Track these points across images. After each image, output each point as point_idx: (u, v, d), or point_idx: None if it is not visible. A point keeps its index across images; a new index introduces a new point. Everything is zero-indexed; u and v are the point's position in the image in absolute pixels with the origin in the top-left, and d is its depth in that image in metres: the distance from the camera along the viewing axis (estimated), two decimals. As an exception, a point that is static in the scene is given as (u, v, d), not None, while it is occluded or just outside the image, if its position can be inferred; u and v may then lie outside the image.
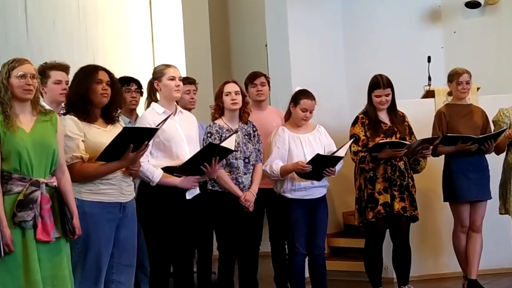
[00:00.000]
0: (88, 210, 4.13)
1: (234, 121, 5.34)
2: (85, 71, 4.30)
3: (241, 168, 5.28)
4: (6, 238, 3.71)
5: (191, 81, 5.84)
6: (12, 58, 3.91)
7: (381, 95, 5.62)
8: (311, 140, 5.50)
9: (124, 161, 4.18)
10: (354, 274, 6.50)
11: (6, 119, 3.80)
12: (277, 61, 7.25)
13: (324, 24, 7.44)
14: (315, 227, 5.49)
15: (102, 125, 4.29)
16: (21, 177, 3.81)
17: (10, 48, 6.95)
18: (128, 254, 4.32)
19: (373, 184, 5.60)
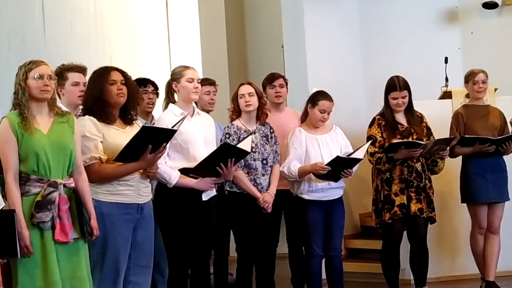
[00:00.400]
0: (105, 211, 4.15)
1: (252, 122, 5.35)
2: (98, 73, 4.32)
3: (259, 170, 5.28)
4: (25, 239, 3.73)
5: (211, 82, 5.83)
6: (29, 60, 3.94)
7: (397, 97, 5.61)
8: (328, 141, 5.49)
9: (142, 162, 4.19)
10: (371, 275, 6.48)
11: (23, 120, 3.82)
12: (294, 63, 7.25)
13: (341, 25, 7.43)
14: (332, 229, 5.48)
15: (120, 126, 4.30)
16: (39, 178, 3.84)
17: (28, 50, 6.99)
18: (146, 255, 4.33)
19: (390, 185, 5.58)
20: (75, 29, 7.77)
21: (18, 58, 5.16)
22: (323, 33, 7.21)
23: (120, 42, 8.23)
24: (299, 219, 5.52)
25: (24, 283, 3.78)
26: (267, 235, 5.37)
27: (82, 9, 7.92)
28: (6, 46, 6.91)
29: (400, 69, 6.04)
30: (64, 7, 7.71)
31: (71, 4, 7.82)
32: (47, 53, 7.11)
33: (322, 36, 7.20)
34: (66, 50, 7.40)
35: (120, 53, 8.10)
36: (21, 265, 3.78)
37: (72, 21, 7.78)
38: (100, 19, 8.05)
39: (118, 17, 8.30)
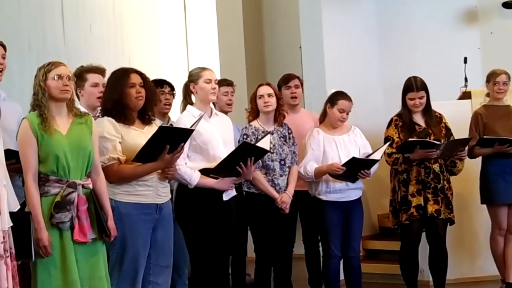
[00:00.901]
0: (124, 211, 4.17)
1: (269, 123, 5.35)
2: (117, 75, 4.33)
3: (277, 170, 5.28)
4: (44, 240, 3.76)
5: (229, 83, 5.84)
6: (48, 61, 3.97)
7: (414, 98, 5.58)
8: (346, 141, 5.48)
9: (160, 162, 4.21)
10: (390, 276, 6.46)
11: (43, 121, 3.85)
12: (311, 63, 7.23)
13: (359, 25, 7.41)
14: (350, 230, 5.47)
15: (139, 126, 4.32)
16: (58, 179, 3.87)
17: (48, 52, 7.04)
18: (165, 255, 4.35)
19: (407, 186, 5.56)
20: (94, 30, 7.82)
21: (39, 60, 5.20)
22: (341, 34, 7.19)
23: (138, 43, 8.27)
24: (317, 220, 5.52)
25: (44, 283, 3.81)
26: (284, 236, 5.37)
27: (101, 10, 7.97)
28: (27, 48, 6.96)
29: (419, 69, 6.02)
30: (84, 8, 7.76)
31: (90, 6, 7.86)
32: (67, 54, 7.16)
33: (340, 37, 7.18)
34: (86, 52, 7.45)
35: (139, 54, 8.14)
36: (41, 265, 3.81)
37: (91, 23, 7.83)
38: (119, 21, 8.10)
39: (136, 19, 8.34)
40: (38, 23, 7.29)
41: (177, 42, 8.85)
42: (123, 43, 8.13)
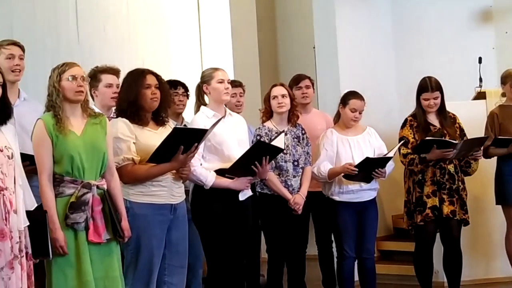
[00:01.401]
0: (139, 211, 4.18)
1: (283, 124, 5.35)
2: (133, 76, 4.34)
3: (290, 171, 5.28)
4: (60, 240, 3.78)
5: (237, 83, 5.83)
6: (62, 62, 3.98)
7: (429, 98, 5.56)
8: (360, 142, 5.46)
9: (175, 163, 4.22)
10: (404, 277, 6.44)
11: (58, 122, 3.86)
12: (326, 64, 7.21)
13: (373, 26, 7.39)
14: (365, 230, 5.46)
15: (153, 127, 4.33)
16: (73, 179, 3.88)
17: (62, 53, 7.06)
18: (180, 255, 4.35)
19: (422, 187, 5.54)
20: (108, 31, 7.84)
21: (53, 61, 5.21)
22: (356, 34, 7.17)
23: (152, 44, 8.28)
24: (330, 220, 5.51)
25: (58, 283, 3.82)
26: (297, 237, 5.36)
27: (114, 11, 7.98)
28: (41, 49, 6.98)
29: (433, 70, 6.00)
30: (97, 9, 7.78)
31: (104, 7, 7.88)
32: (81, 55, 7.18)
33: (355, 37, 7.16)
34: (99, 52, 7.46)
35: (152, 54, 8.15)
36: (55, 265, 3.82)
37: (105, 24, 7.84)
38: (132, 21, 8.11)
39: (150, 19, 8.35)
40: (52, 24, 7.32)
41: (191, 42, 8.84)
42: (137, 43, 8.14)
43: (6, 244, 3.51)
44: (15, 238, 3.55)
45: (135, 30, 8.12)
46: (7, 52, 4.55)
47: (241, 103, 5.79)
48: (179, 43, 8.69)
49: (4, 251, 3.50)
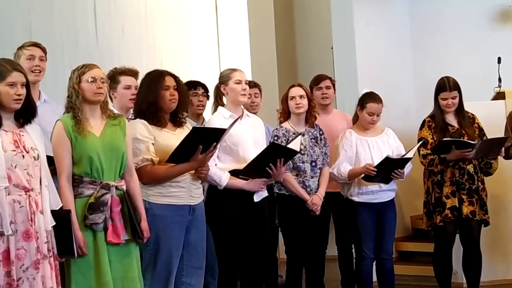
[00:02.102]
0: (158, 212, 4.19)
1: (301, 125, 5.34)
2: (152, 77, 4.36)
3: (308, 172, 5.27)
4: (79, 240, 3.80)
5: (251, 84, 5.79)
6: (82, 64, 4.00)
7: (447, 98, 5.53)
8: (379, 143, 5.45)
9: (193, 163, 4.23)
10: (423, 278, 6.40)
11: (77, 123, 3.88)
12: (343, 64, 7.21)
13: (391, 26, 7.36)
14: (383, 231, 5.44)
15: (171, 128, 4.35)
16: (92, 180, 3.90)
17: (81, 54, 7.10)
18: (198, 256, 4.36)
19: (441, 187, 5.51)
20: (127, 32, 7.87)
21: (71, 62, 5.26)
22: (373, 34, 7.15)
23: (170, 45, 8.31)
24: (349, 221, 5.50)
25: (78, 284, 3.84)
26: (316, 237, 5.35)
27: (133, 13, 8.02)
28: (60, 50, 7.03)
29: (452, 70, 5.96)
30: (116, 10, 7.82)
31: (123, 8, 7.92)
32: (99, 56, 7.22)
33: (372, 37, 7.14)
34: (118, 53, 7.50)
35: (170, 55, 8.17)
36: (75, 266, 3.84)
37: (124, 25, 7.88)
38: (150, 22, 8.14)
39: (168, 20, 8.38)
40: (70, 25, 7.36)
41: (209, 43, 8.86)
42: (155, 44, 8.17)
43: (32, 244, 3.54)
44: (42, 238, 3.58)
45: (153, 31, 8.15)
46: (27, 53, 4.59)
47: (256, 104, 5.78)
48: (198, 44, 8.71)
49: (29, 251, 3.53)
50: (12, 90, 3.55)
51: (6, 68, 3.56)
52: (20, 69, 3.61)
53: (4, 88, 3.54)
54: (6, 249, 3.48)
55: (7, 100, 3.55)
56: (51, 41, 6.76)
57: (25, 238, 3.52)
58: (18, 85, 3.56)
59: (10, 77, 3.54)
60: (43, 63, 4.66)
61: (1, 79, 3.54)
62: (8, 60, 3.77)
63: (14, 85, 3.55)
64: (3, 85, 3.54)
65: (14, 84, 3.55)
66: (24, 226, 3.52)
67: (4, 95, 3.54)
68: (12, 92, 3.54)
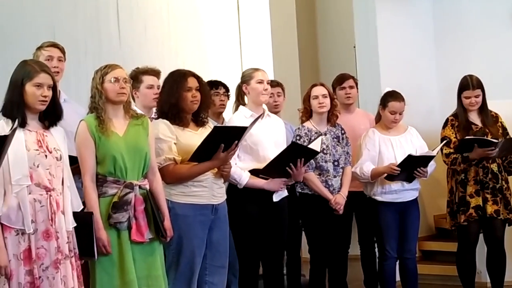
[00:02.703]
0: (181, 212, 4.21)
1: (323, 124, 5.32)
2: (174, 78, 4.37)
3: (331, 171, 5.26)
4: (103, 240, 3.82)
5: (274, 84, 5.78)
6: (105, 64, 4.03)
7: (470, 97, 5.50)
8: (402, 142, 5.43)
9: (215, 161, 4.24)
10: (446, 278, 6.37)
11: (101, 123, 3.91)
12: (366, 63, 7.17)
13: (414, 24, 7.32)
14: (407, 231, 5.42)
15: (193, 128, 4.36)
16: (116, 179, 3.92)
17: (104, 55, 7.15)
18: (221, 255, 4.37)
19: (465, 187, 5.48)
20: (149, 33, 7.91)
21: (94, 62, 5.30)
22: (396, 32, 7.11)
23: (192, 45, 8.34)
24: (372, 220, 5.48)
25: (103, 283, 3.87)
26: (339, 237, 5.34)
27: (155, 12, 8.06)
28: (83, 51, 7.08)
29: (475, 68, 5.92)
30: (138, 11, 7.86)
31: (145, 9, 7.96)
32: (122, 56, 7.26)
33: (395, 35, 7.10)
34: (140, 53, 7.54)
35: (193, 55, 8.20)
36: (99, 265, 3.87)
37: (146, 25, 7.92)
38: (172, 22, 8.17)
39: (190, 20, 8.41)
40: (93, 26, 7.42)
41: (231, 43, 8.88)
42: (177, 44, 8.20)
43: (52, 244, 3.56)
44: (64, 238, 3.60)
45: (175, 30, 8.19)
46: (46, 54, 4.61)
47: (278, 103, 5.76)
48: (219, 44, 8.73)
49: (49, 250, 3.56)
50: (39, 91, 3.58)
51: (34, 69, 3.59)
52: (48, 71, 3.64)
53: (30, 89, 3.57)
54: (28, 248, 3.52)
55: (32, 100, 3.58)
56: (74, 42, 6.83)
57: (45, 237, 3.55)
58: (45, 87, 3.59)
59: (37, 78, 3.58)
60: (62, 63, 4.68)
61: (29, 79, 3.57)
62: (36, 61, 3.81)
63: (40, 86, 3.58)
64: (30, 85, 3.57)
65: (41, 85, 3.58)
66: (44, 226, 3.55)
67: (30, 95, 3.57)
68: (38, 93, 3.58)
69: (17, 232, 3.51)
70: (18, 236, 3.51)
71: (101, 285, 3.87)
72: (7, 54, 6.13)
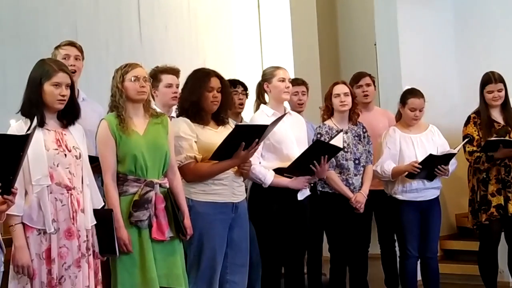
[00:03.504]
0: (201, 210, 4.21)
1: (344, 122, 5.31)
2: (198, 77, 4.38)
3: (352, 170, 5.24)
4: (124, 238, 3.84)
5: (299, 82, 5.80)
6: (125, 63, 4.04)
7: (493, 91, 5.48)
8: (423, 140, 5.40)
9: (236, 159, 4.23)
10: (468, 277, 6.34)
11: (121, 122, 3.93)
12: (387, 60, 7.14)
13: (435, 21, 7.27)
14: (428, 230, 5.39)
15: (213, 127, 4.37)
16: (136, 178, 3.94)
17: (125, 53, 7.18)
18: (242, 254, 4.37)
19: (486, 185, 5.45)
20: (170, 31, 7.93)
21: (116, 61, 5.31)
22: (417, 29, 7.07)
23: (213, 43, 8.35)
24: (393, 219, 5.46)
25: (124, 281, 3.88)
26: (359, 236, 5.33)
27: (176, 11, 8.07)
28: (104, 49, 7.12)
29: (497, 65, 5.87)
30: (159, 9, 7.89)
31: (166, 8, 7.98)
32: (143, 54, 7.28)
33: (416, 33, 7.06)
34: (161, 52, 7.56)
35: (213, 53, 8.22)
36: (120, 263, 3.88)
37: (167, 24, 7.94)
38: (193, 20, 8.19)
39: (211, 18, 8.42)
40: (115, 25, 7.45)
41: (251, 41, 8.88)
42: (198, 42, 8.22)
43: (74, 242, 3.58)
44: (83, 237, 3.62)
45: (196, 29, 8.20)
46: (63, 53, 4.63)
47: (302, 102, 5.76)
48: (240, 42, 8.74)
49: (71, 249, 3.57)
50: (57, 91, 3.59)
51: (52, 68, 3.60)
52: (66, 70, 3.66)
53: (49, 88, 3.59)
54: (49, 247, 3.54)
55: (51, 100, 3.60)
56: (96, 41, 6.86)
57: (67, 236, 3.57)
58: (63, 86, 3.60)
59: (55, 77, 3.59)
60: (79, 62, 4.69)
61: (47, 78, 3.58)
62: (55, 60, 3.83)
63: (59, 85, 3.59)
64: (48, 84, 3.58)
65: (59, 84, 3.59)
66: (66, 225, 3.57)
67: (49, 94, 3.59)
68: (57, 92, 3.59)
69: (39, 231, 3.53)
70: (40, 235, 3.53)
71: (123, 283, 3.88)
72: (30, 52, 6.17)
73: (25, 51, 6.40)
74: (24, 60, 6.08)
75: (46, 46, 5.06)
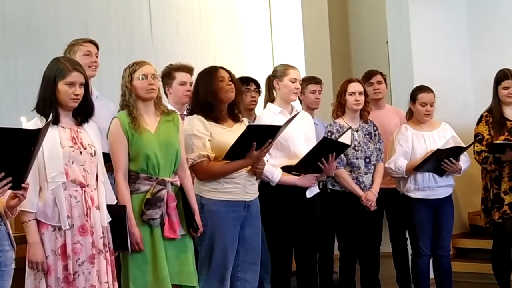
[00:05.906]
0: (213, 208, 4.21)
1: (355, 120, 5.29)
2: (206, 72, 4.38)
3: (362, 168, 5.23)
4: (136, 236, 3.84)
5: (317, 81, 5.78)
6: (132, 62, 4.05)
7: (509, 87, 5.46)
8: (435, 138, 5.37)
9: (249, 159, 4.23)
10: (481, 276, 6.32)
11: (133, 121, 3.93)
12: (399, 58, 7.12)
13: (447, 18, 7.24)
14: (440, 228, 5.37)
15: (228, 125, 4.35)
16: (148, 176, 3.94)
17: (136, 52, 7.18)
18: (253, 252, 4.37)
19: (499, 183, 5.43)
20: (181, 29, 7.93)
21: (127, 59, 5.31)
22: (429, 27, 7.05)
23: (224, 41, 8.33)
24: (406, 217, 5.44)
25: (136, 279, 3.89)
26: (370, 234, 5.31)
27: (187, 10, 8.07)
28: (116, 48, 7.12)
29: (510, 63, 5.84)
30: (170, 8, 7.88)
31: (177, 6, 7.97)
32: (154, 53, 7.29)
33: (428, 30, 7.04)
34: (172, 50, 7.56)
35: (224, 52, 8.20)
36: (132, 261, 3.89)
37: (178, 22, 7.93)
38: (205, 20, 8.18)
39: (222, 17, 8.40)
40: (126, 23, 7.45)
41: (262, 39, 8.86)
42: (209, 41, 8.21)
43: (87, 239, 3.59)
44: (98, 233, 3.63)
45: (207, 27, 8.19)
46: (85, 49, 4.66)
47: (319, 100, 5.76)
48: (251, 40, 8.72)
49: (85, 246, 3.59)
50: (71, 90, 3.60)
51: (66, 67, 3.61)
52: (80, 70, 3.66)
53: (63, 87, 3.60)
54: (64, 243, 3.55)
55: (65, 98, 3.61)
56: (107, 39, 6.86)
57: (81, 232, 3.58)
58: (77, 85, 3.61)
59: (69, 76, 3.60)
60: (98, 59, 4.74)
61: (61, 77, 3.60)
62: (69, 59, 3.83)
63: (73, 84, 3.60)
64: (62, 83, 3.59)
65: (73, 83, 3.60)
66: (80, 221, 3.58)
67: (63, 93, 3.60)
68: (71, 91, 3.60)
69: (54, 228, 3.55)
70: (55, 231, 3.55)
71: (134, 281, 3.89)
72: (41, 51, 6.19)
73: (36, 50, 6.41)
74: (35, 59, 6.11)
75: (57, 45, 5.07)
